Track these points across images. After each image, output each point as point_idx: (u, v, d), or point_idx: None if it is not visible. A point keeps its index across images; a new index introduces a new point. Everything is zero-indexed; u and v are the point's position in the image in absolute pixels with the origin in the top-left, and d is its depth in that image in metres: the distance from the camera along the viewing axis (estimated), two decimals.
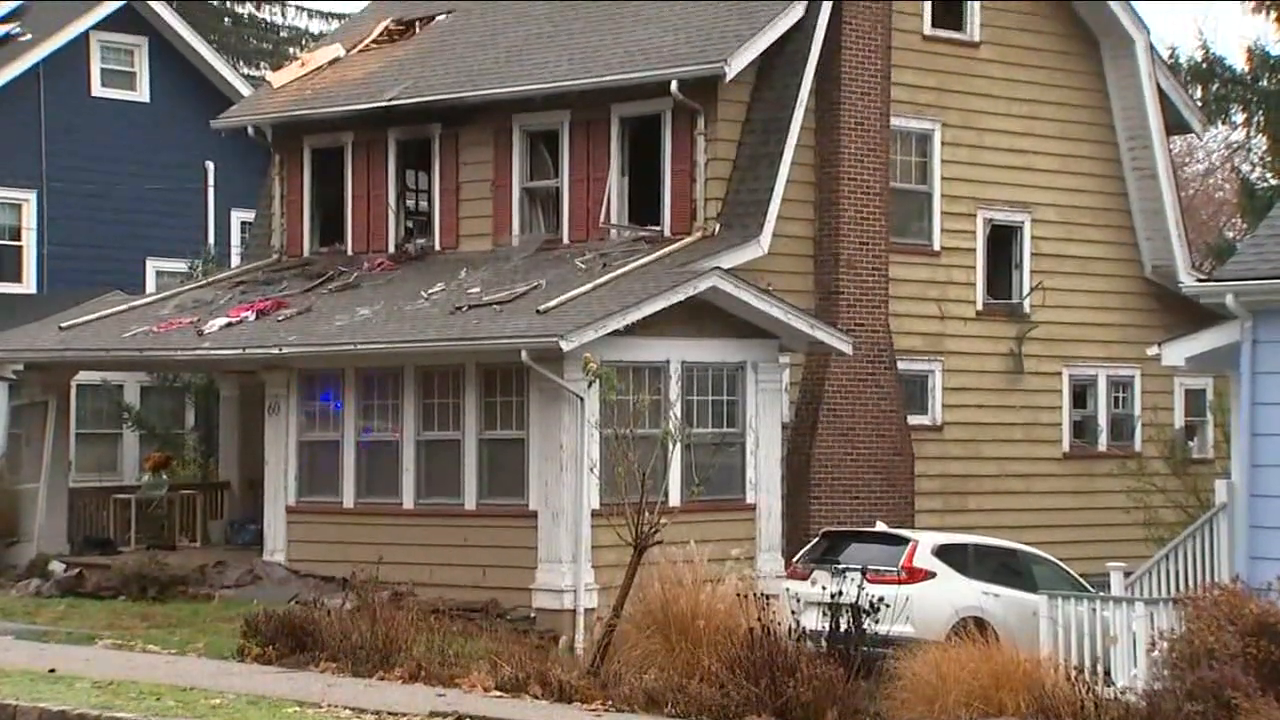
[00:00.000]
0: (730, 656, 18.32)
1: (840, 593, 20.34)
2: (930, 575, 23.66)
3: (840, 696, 17.77)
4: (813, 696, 17.53)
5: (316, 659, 19.79)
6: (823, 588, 21.09)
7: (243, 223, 38.95)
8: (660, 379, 25.81)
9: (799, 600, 20.41)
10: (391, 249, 31.68)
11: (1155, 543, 27.65)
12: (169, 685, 17.96)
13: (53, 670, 18.87)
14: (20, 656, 20.10)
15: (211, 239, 39.26)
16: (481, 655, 19.97)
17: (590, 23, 31.08)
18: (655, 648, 20.20)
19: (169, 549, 30.50)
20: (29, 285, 37.93)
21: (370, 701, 17.12)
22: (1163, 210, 32.74)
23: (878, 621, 20.24)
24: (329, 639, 20.01)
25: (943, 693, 18.72)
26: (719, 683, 17.96)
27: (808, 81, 28.22)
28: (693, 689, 17.89)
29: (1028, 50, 31.90)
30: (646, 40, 29.49)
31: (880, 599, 20.40)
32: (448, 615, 22.75)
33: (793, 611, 19.74)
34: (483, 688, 18.36)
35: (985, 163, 31.37)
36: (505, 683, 18.38)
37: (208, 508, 32.63)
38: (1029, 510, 31.08)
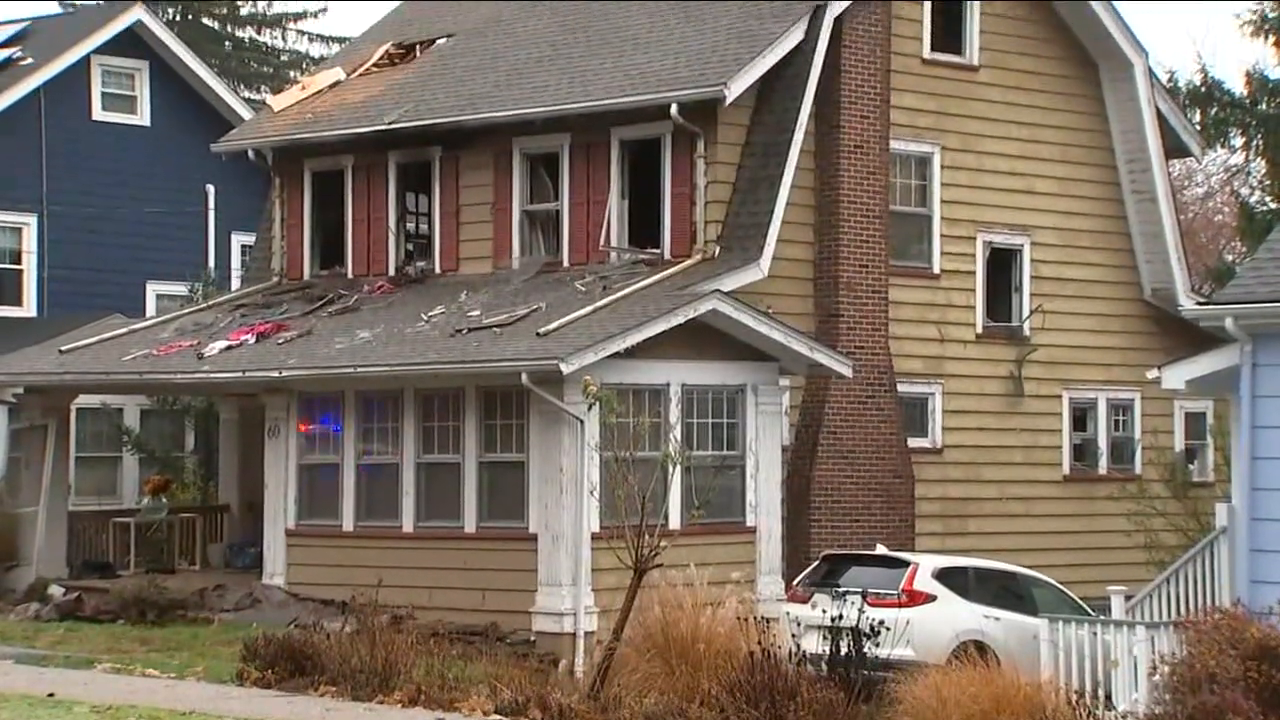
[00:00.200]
0: (731, 680, 18.31)
1: (840, 616, 20.34)
2: (931, 598, 23.60)
3: None
4: None
5: (316, 682, 19.76)
6: (823, 611, 21.08)
7: (243, 246, 38.96)
8: (660, 402, 25.80)
9: (799, 624, 20.42)
10: (392, 272, 31.70)
11: (1156, 566, 27.61)
12: (168, 709, 17.93)
13: (52, 694, 18.83)
14: (19, 680, 20.07)
15: (212, 262, 39.28)
16: (481, 679, 19.95)
17: (590, 46, 31.13)
18: (655, 671, 20.17)
19: (168, 572, 30.47)
20: (29, 309, 37.90)
21: None
22: (1162, 233, 32.75)
23: (878, 645, 20.24)
24: (329, 662, 19.99)
25: (943, 716, 18.68)
26: (719, 707, 17.95)
27: (807, 105, 28.25)
28: (693, 713, 17.88)
29: (1027, 74, 31.92)
30: (646, 63, 29.53)
31: (880, 622, 20.40)
32: (447, 638, 22.71)
33: (793, 635, 19.75)
34: (482, 711, 18.35)
35: (985, 185, 31.38)
36: (505, 706, 18.37)
37: (207, 531, 32.61)
38: (1029, 533, 31.01)
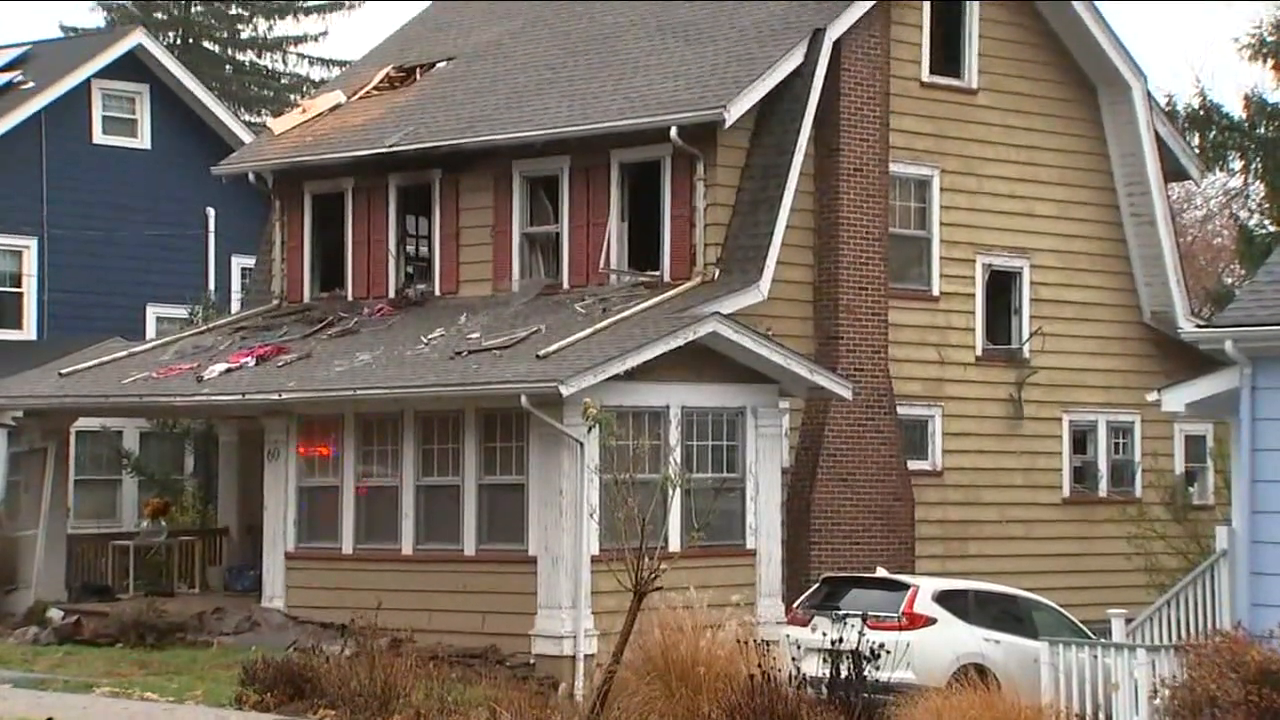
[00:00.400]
0: (731, 703, 18.28)
1: (841, 639, 20.30)
2: (931, 621, 23.57)
3: None
4: None
5: (315, 706, 19.73)
6: (823, 634, 21.04)
7: (243, 268, 38.95)
8: (660, 424, 25.79)
9: (799, 646, 20.37)
10: (392, 294, 31.70)
11: (1156, 589, 27.61)
12: None
13: (50, 719, 18.78)
14: (18, 705, 20.03)
15: (212, 285, 39.27)
16: (480, 702, 19.91)
17: (590, 69, 31.17)
18: (655, 694, 20.14)
19: (167, 596, 30.42)
20: (29, 332, 37.89)
21: None
22: (1161, 256, 32.76)
23: (878, 668, 20.20)
24: (328, 686, 19.96)
25: None
26: None
27: (807, 127, 28.27)
28: None
29: (1026, 97, 31.95)
30: (646, 87, 29.57)
31: (881, 645, 20.35)
32: (447, 661, 22.70)
33: (793, 658, 19.71)
34: None
35: (984, 208, 31.40)
36: None
37: (206, 554, 32.56)
38: (1029, 556, 30.99)
